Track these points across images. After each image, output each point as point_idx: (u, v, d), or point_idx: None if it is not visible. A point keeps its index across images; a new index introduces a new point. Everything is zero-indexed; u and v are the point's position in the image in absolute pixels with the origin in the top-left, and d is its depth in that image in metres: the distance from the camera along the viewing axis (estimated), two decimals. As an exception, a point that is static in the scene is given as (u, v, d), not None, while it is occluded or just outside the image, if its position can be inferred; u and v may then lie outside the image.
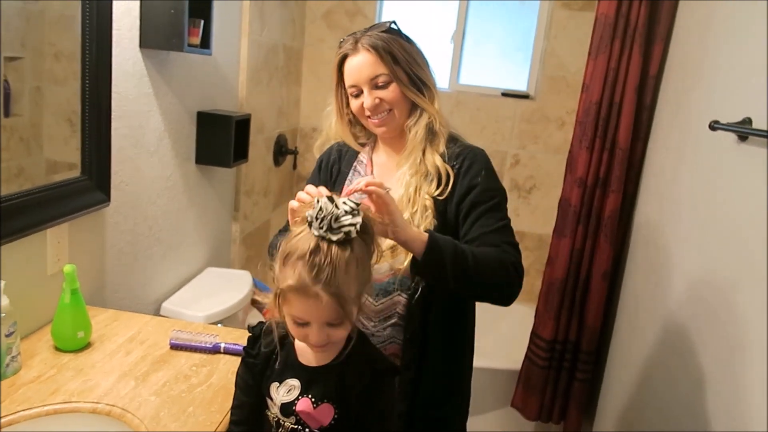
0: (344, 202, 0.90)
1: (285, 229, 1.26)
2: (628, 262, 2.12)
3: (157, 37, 1.62)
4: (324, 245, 0.88)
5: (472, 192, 1.21)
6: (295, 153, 3.00)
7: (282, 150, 2.84)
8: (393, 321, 1.25)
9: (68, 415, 1.09)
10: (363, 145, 1.37)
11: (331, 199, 0.90)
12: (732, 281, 1.31)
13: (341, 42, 1.27)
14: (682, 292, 1.56)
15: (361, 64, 1.21)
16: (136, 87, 1.63)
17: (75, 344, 1.28)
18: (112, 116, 1.50)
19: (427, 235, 1.06)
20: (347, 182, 1.32)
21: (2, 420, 1.03)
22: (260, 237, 2.71)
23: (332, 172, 1.37)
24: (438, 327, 1.25)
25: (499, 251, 1.14)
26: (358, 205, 0.91)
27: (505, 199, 1.25)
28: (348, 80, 1.24)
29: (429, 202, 1.20)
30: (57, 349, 1.28)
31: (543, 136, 2.96)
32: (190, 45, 1.69)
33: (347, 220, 0.88)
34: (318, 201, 0.90)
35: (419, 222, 1.18)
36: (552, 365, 2.29)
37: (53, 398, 1.10)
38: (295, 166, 3.09)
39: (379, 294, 1.24)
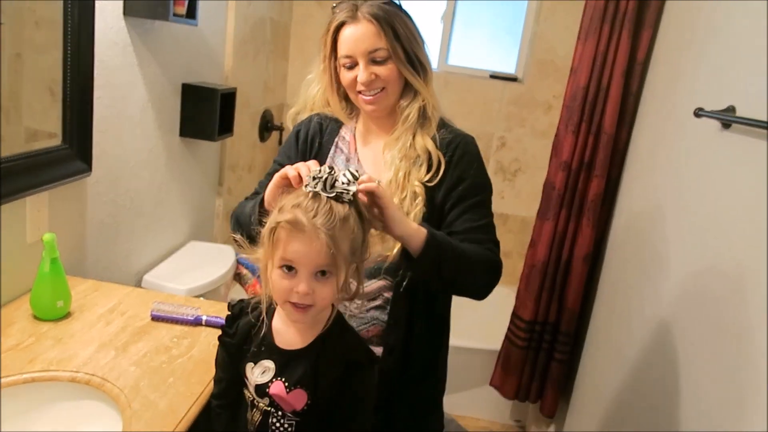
0: (344, 174, 0.91)
1: (252, 197, 1.24)
2: (609, 246, 2.14)
3: (141, 5, 1.59)
4: (322, 197, 0.89)
5: (463, 184, 1.19)
6: (280, 129, 2.97)
7: (268, 126, 2.82)
8: (377, 303, 1.23)
9: (46, 384, 1.09)
10: (348, 117, 1.31)
11: (330, 168, 0.91)
12: (711, 267, 1.33)
13: (335, 6, 1.19)
14: (660, 277, 1.58)
15: (359, 35, 1.14)
16: (119, 56, 1.60)
17: (54, 313, 1.27)
18: (95, 85, 1.47)
19: (425, 231, 1.04)
20: (329, 159, 1.28)
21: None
22: (244, 213, 2.70)
23: (312, 145, 1.30)
24: (422, 312, 1.24)
25: (486, 251, 1.15)
26: (356, 178, 0.91)
27: (491, 194, 1.24)
28: (342, 50, 1.17)
29: (419, 189, 1.17)
30: (36, 318, 1.27)
31: (530, 119, 2.97)
32: (175, 14, 1.66)
33: (343, 186, 0.90)
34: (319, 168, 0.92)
35: (408, 209, 1.16)
36: (531, 346, 2.32)
37: (31, 366, 1.10)
38: (280, 142, 3.06)
39: (364, 276, 1.23)
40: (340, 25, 1.17)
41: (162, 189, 1.96)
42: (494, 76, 2.95)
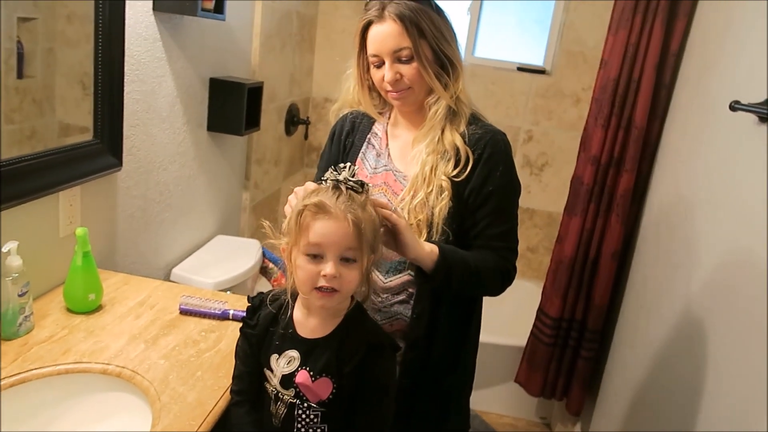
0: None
1: None
2: (639, 242, 2.10)
3: (170, 0, 1.60)
4: (343, 187, 0.94)
5: (488, 186, 1.18)
6: (306, 123, 2.98)
7: (294, 119, 2.83)
8: (401, 298, 1.24)
9: (79, 375, 1.11)
10: (380, 113, 1.32)
11: (350, 164, 0.98)
12: (744, 264, 1.29)
13: (367, 5, 1.21)
14: (691, 274, 1.55)
15: (385, 35, 1.15)
16: (148, 51, 1.61)
17: (86, 306, 1.29)
18: (125, 80, 1.49)
19: (436, 253, 1.10)
20: (360, 155, 1.30)
21: (15, 378, 1.05)
22: (270, 206, 2.72)
23: (345, 144, 1.33)
24: (447, 307, 1.24)
25: (498, 259, 1.20)
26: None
27: (517, 196, 1.25)
28: (370, 49, 1.19)
29: (446, 183, 1.17)
30: (69, 310, 1.29)
31: (557, 112, 2.93)
32: (203, 9, 1.67)
33: (360, 179, 0.97)
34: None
35: (434, 203, 1.16)
36: (557, 343, 2.30)
37: (65, 358, 1.12)
38: (306, 136, 3.07)
39: (389, 271, 1.23)
40: (368, 24, 1.19)
41: (190, 183, 1.98)
42: (522, 69, 2.91)
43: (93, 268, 1.30)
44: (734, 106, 1.34)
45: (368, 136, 1.31)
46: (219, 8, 1.79)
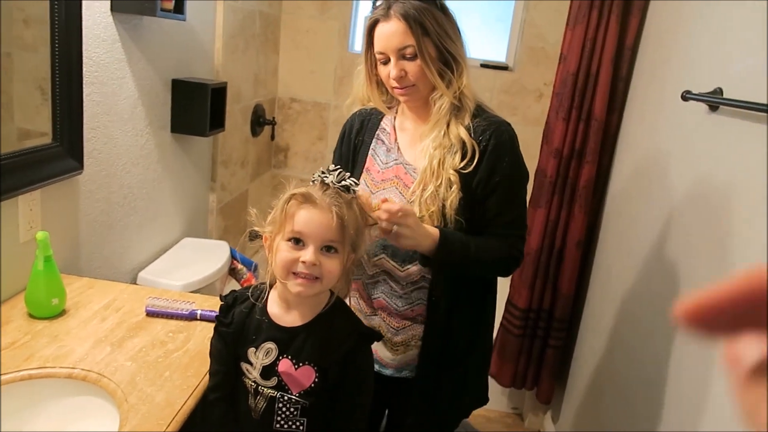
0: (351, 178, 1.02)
1: None
2: (602, 232, 2.16)
3: (128, 0, 1.58)
4: (330, 186, 0.98)
5: (495, 176, 1.23)
6: (273, 123, 2.97)
7: (260, 120, 2.82)
8: (421, 285, 1.29)
9: (43, 381, 1.09)
10: (389, 107, 1.37)
11: (340, 167, 1.03)
12: (701, 250, 1.34)
13: (374, 3, 1.26)
14: (652, 261, 1.60)
15: (390, 33, 1.20)
16: (108, 53, 1.59)
17: (49, 311, 1.28)
18: (84, 82, 1.47)
19: (437, 236, 1.16)
20: (371, 151, 1.34)
21: (-24, 385, 1.03)
22: (237, 208, 2.70)
23: (355, 143, 1.38)
24: (463, 290, 1.30)
25: (506, 246, 1.26)
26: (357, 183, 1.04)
27: (525, 183, 1.32)
28: (377, 46, 1.23)
29: (454, 177, 1.21)
30: (31, 316, 1.27)
31: (521, 107, 2.97)
32: (163, 10, 1.66)
33: (347, 182, 1.01)
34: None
35: (444, 195, 1.21)
36: (526, 333, 2.34)
37: (28, 364, 1.10)
38: (273, 137, 3.06)
39: (405, 260, 1.28)
40: (375, 23, 1.23)
41: (155, 186, 1.96)
42: (485, 65, 2.95)
43: (55, 272, 1.28)
44: (686, 96, 1.39)
45: (377, 132, 1.36)
46: (179, 8, 1.77)
